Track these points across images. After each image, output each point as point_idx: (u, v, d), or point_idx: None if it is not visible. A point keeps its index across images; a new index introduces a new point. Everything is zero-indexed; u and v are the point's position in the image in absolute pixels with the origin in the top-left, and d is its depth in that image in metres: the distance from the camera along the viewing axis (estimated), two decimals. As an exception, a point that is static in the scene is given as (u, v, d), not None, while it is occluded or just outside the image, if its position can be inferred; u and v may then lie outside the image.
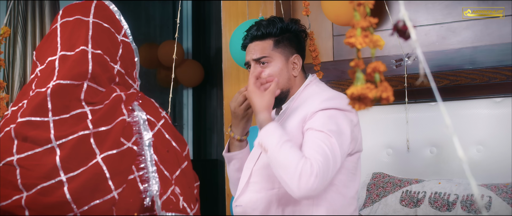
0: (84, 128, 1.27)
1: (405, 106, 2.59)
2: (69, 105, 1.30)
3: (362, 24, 0.86)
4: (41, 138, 1.25)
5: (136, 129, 1.34)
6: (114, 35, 1.47)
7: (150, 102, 1.47)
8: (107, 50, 1.41)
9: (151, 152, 1.33)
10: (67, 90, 1.31)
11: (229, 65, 2.94)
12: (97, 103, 1.34)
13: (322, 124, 1.82)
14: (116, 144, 1.28)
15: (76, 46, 1.37)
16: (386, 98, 0.84)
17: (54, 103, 1.29)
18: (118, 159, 1.27)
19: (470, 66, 2.46)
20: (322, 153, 1.73)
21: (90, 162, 1.24)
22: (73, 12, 1.45)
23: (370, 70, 0.86)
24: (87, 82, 1.34)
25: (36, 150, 1.25)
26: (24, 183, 1.21)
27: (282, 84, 2.04)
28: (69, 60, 1.35)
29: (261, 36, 2.07)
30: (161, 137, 1.38)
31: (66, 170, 1.22)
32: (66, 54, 1.36)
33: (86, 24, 1.42)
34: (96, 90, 1.36)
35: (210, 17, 4.78)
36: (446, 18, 2.61)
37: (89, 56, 1.36)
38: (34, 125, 1.27)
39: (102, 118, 1.31)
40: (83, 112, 1.31)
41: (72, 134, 1.25)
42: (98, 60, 1.37)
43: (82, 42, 1.38)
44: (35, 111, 1.28)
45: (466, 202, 2.24)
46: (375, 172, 2.65)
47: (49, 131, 1.26)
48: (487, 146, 2.44)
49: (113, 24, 1.48)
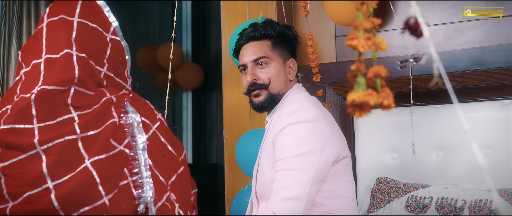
0: (71, 132, 1.20)
1: (410, 109, 2.53)
2: (55, 111, 1.24)
3: (365, 26, 0.81)
4: (25, 143, 1.18)
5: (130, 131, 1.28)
6: (101, 34, 1.40)
7: (145, 104, 1.41)
8: (93, 53, 1.35)
9: (145, 156, 1.27)
10: (53, 95, 1.25)
11: (229, 66, 2.88)
12: (85, 107, 1.28)
13: (288, 149, 1.80)
14: (106, 147, 1.22)
15: (60, 49, 1.31)
16: (387, 105, 0.80)
17: (38, 109, 1.22)
18: (108, 163, 1.20)
19: (478, 67, 2.40)
20: (289, 196, 1.74)
21: (78, 167, 1.18)
22: (58, 11, 1.38)
23: (371, 75, 0.81)
24: (74, 87, 1.28)
25: (20, 156, 1.18)
26: (10, 192, 1.14)
27: (279, 87, 2.01)
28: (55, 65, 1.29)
29: (259, 36, 2.03)
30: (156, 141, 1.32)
31: (53, 176, 1.16)
32: (51, 57, 1.30)
33: (71, 24, 1.35)
34: (83, 94, 1.30)
35: (210, 19, 4.74)
36: (452, 18, 2.55)
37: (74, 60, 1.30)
38: (18, 132, 1.20)
39: (90, 121, 1.24)
40: (70, 117, 1.25)
41: (58, 137, 1.19)
42: (83, 64, 1.31)
43: (66, 44, 1.32)
44: (18, 117, 1.22)
45: (474, 207, 2.18)
46: (379, 176, 2.59)
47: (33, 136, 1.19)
48: (495, 150, 2.38)
49: (100, 22, 1.41)
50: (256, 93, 2.02)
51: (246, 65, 2.04)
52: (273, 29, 2.04)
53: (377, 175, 2.62)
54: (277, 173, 1.80)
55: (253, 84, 2.01)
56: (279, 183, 1.77)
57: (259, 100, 2.02)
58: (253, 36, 2.04)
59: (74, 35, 1.34)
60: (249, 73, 2.02)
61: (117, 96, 1.33)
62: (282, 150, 1.80)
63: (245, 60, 2.04)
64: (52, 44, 1.32)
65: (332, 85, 2.70)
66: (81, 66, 1.30)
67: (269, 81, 2.00)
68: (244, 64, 2.05)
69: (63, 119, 1.24)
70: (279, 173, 1.79)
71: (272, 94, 2.02)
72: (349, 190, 1.95)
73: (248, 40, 2.05)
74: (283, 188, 1.75)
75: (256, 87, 2.01)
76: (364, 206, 2.51)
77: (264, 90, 2.01)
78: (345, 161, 1.95)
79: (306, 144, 1.79)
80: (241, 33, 2.09)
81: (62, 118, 1.24)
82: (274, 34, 2.04)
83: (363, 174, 2.67)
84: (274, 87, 2.01)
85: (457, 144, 2.45)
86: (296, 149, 1.78)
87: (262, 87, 2.01)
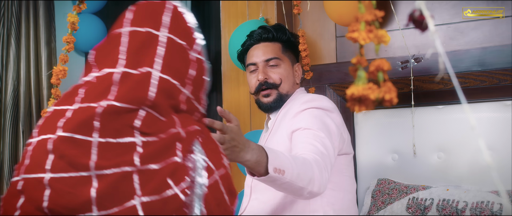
0: (130, 163, 1.10)
1: (411, 110, 2.52)
2: (120, 130, 1.12)
3: (366, 18, 0.79)
4: (80, 161, 1.08)
5: (190, 175, 1.15)
6: (187, 53, 1.27)
7: (214, 145, 1.28)
8: (177, 74, 1.22)
9: (200, 204, 1.15)
10: (121, 114, 1.13)
11: (229, 67, 2.86)
12: (152, 134, 1.15)
13: (308, 122, 1.80)
14: (161, 187, 1.11)
15: (142, 65, 1.18)
16: (389, 100, 0.77)
17: (103, 124, 1.11)
18: (159, 207, 1.10)
19: (479, 68, 2.38)
20: (316, 151, 1.69)
21: (126, 203, 1.08)
22: (145, 20, 1.25)
23: (373, 69, 0.79)
24: (146, 108, 1.15)
25: (71, 173, 1.08)
26: (50, 208, 1.06)
27: (288, 88, 2.06)
28: (131, 81, 1.16)
29: (271, 38, 2.09)
30: (215, 189, 1.20)
31: (99, 206, 1.06)
32: (128, 72, 1.17)
33: (156, 40, 1.22)
34: (154, 118, 1.17)
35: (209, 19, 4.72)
36: (453, 18, 2.54)
37: (154, 80, 1.17)
38: (76, 143, 1.10)
39: (152, 154, 1.13)
40: (132, 141, 1.12)
41: (115, 166, 1.09)
42: (165, 87, 1.18)
43: (148, 62, 1.19)
44: (80, 127, 1.11)
45: (476, 209, 2.16)
46: (380, 178, 2.57)
47: (89, 155, 1.09)
48: (497, 151, 2.36)
49: (187, 38, 1.28)
50: (266, 93, 2.04)
51: (256, 64, 2.05)
52: (284, 33, 2.11)
53: (378, 176, 2.60)
54: (299, 136, 1.77)
55: (264, 83, 2.02)
56: (303, 142, 1.74)
57: (269, 100, 2.04)
58: (265, 37, 2.08)
59: (160, 53, 1.21)
60: (261, 72, 2.03)
61: (187, 132, 1.20)
62: (303, 124, 1.80)
63: (255, 59, 2.06)
64: (132, 58, 1.20)
65: (333, 86, 2.68)
66: (161, 88, 1.17)
67: (280, 81, 2.04)
68: (255, 63, 2.06)
69: (125, 141, 1.12)
70: (301, 135, 1.76)
71: (282, 94, 2.04)
72: (352, 185, 1.99)
73: (259, 41, 2.09)
74: (312, 143, 1.72)
75: (267, 86, 2.04)
76: (364, 208, 2.49)
77: (274, 90, 2.04)
78: (348, 158, 1.98)
79: (326, 125, 1.80)
80: (250, 35, 2.12)
81: (124, 140, 1.12)
82: (285, 38, 2.10)
83: (364, 174, 2.66)
84: (284, 87, 2.04)
85: (459, 145, 2.44)
86: (317, 125, 1.78)
87: (273, 87, 2.04)
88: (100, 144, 1.10)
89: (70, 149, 1.09)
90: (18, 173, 1.13)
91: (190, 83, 1.26)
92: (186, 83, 1.24)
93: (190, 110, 1.27)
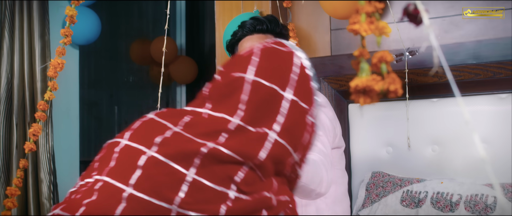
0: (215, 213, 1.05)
1: (405, 103, 2.52)
2: (219, 176, 1.06)
3: (367, 9, 0.78)
4: (166, 192, 1.03)
5: None
6: (305, 116, 1.19)
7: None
8: (294, 139, 1.15)
9: None
10: (225, 163, 1.07)
11: (223, 60, 2.86)
12: (247, 193, 1.09)
13: None
14: None
15: (260, 125, 1.12)
16: (394, 91, 0.76)
17: (203, 164, 1.05)
18: None
19: (474, 61, 2.38)
20: (319, 151, 1.69)
21: None
22: (272, 74, 1.17)
23: (376, 61, 0.78)
24: (251, 165, 1.09)
25: (152, 199, 1.02)
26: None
27: None
28: (245, 136, 1.10)
29: (265, 30, 2.02)
30: None
31: None
32: (244, 127, 1.11)
33: (281, 100, 1.15)
34: (255, 178, 1.10)
35: (204, 12, 4.71)
36: (448, 12, 2.53)
37: (269, 144, 1.11)
38: (169, 171, 1.05)
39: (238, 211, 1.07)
40: (226, 192, 1.06)
41: (199, 211, 1.03)
42: (277, 151, 1.11)
43: (269, 124, 1.12)
44: (179, 157, 1.06)
45: (470, 202, 2.17)
46: (374, 171, 2.57)
47: (178, 190, 1.04)
48: (491, 144, 2.36)
49: (308, 100, 1.20)
50: None
51: None
52: (278, 25, 2.03)
53: (372, 168, 2.60)
54: None
55: None
56: None
57: None
58: (259, 29, 2.01)
59: (281, 115, 1.14)
60: None
61: (278, 201, 1.14)
62: None
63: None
64: (252, 113, 1.13)
65: (327, 79, 2.68)
66: (273, 152, 1.11)
67: None
68: None
69: (218, 190, 1.06)
70: None
71: None
72: (343, 178, 1.99)
73: (253, 32, 2.02)
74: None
75: None
76: (359, 200, 2.49)
77: None
78: (340, 151, 1.97)
79: (321, 122, 1.81)
80: (242, 25, 2.05)
81: (218, 187, 1.06)
82: (278, 30, 2.03)
83: (358, 167, 2.66)
84: None
85: (453, 138, 2.44)
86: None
87: None
88: (194, 182, 1.04)
89: (161, 175, 1.04)
90: (100, 172, 1.08)
91: (302, 149, 1.19)
92: (297, 149, 1.17)
93: (291, 175, 1.20)
